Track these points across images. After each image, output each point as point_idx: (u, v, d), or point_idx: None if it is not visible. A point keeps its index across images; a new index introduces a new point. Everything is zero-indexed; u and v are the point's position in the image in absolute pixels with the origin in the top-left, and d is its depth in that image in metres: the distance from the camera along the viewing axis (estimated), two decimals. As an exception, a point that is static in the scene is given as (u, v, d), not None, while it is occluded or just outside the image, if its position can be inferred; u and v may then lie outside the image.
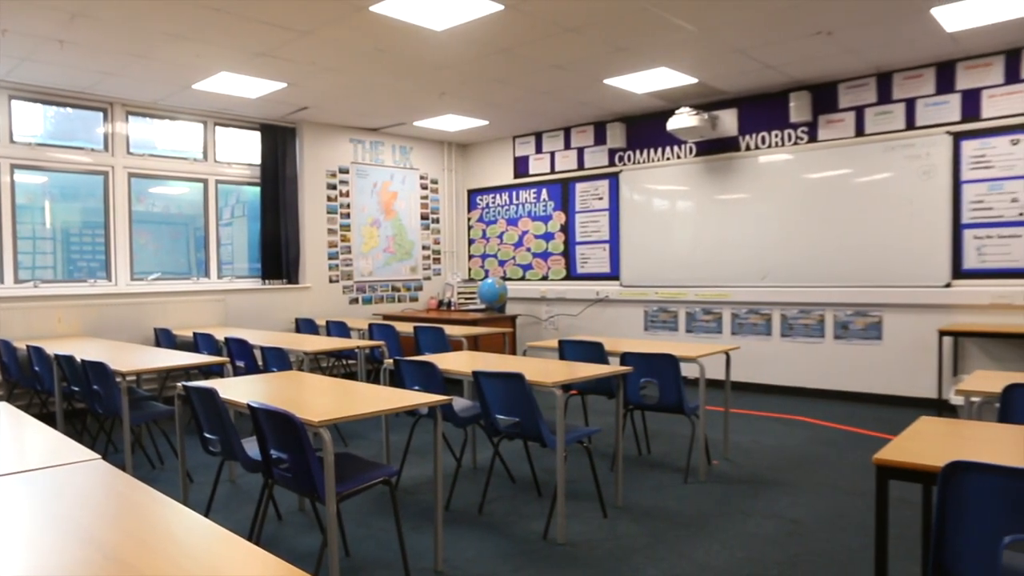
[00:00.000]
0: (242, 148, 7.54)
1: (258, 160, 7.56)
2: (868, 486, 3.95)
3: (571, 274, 8.34)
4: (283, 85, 6.18)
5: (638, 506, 3.75)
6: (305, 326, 7.17)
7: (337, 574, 2.47)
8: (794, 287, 6.62)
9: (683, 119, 6.80)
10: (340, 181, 8.10)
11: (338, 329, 6.58)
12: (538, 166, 8.65)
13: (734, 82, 6.39)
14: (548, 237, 8.55)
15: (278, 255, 7.62)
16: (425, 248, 9.07)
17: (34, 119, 6.22)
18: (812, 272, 6.52)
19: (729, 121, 7.02)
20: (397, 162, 8.70)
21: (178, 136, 7.09)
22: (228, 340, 5.40)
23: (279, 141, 7.62)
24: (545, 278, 8.58)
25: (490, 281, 8.04)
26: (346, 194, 8.16)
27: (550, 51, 5.37)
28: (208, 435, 3.04)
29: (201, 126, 7.22)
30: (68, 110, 6.41)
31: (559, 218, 8.43)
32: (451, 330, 5.91)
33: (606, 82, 6.29)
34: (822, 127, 6.46)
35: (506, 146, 8.96)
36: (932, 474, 1.73)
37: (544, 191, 8.58)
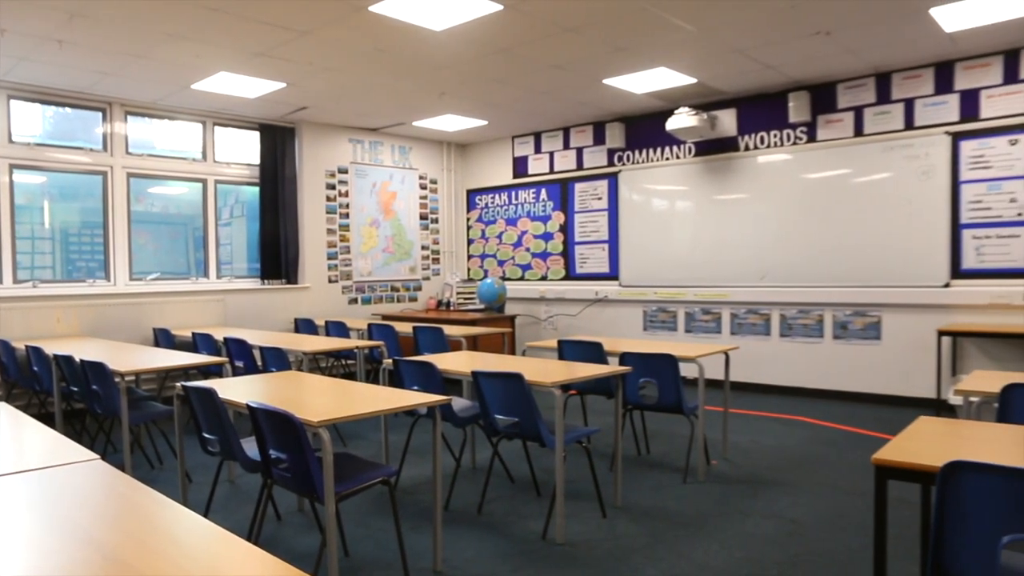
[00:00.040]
0: (241, 148, 7.54)
1: (257, 160, 7.55)
2: (867, 486, 3.96)
3: (570, 274, 8.34)
4: (282, 85, 6.18)
5: (637, 506, 3.75)
6: (304, 326, 7.17)
7: (336, 574, 2.47)
8: (793, 287, 6.63)
9: (682, 119, 6.81)
10: (339, 181, 8.10)
11: (337, 329, 6.58)
12: (537, 166, 8.65)
13: (733, 82, 6.39)
14: (547, 237, 8.55)
15: (277, 255, 7.62)
16: (424, 248, 9.07)
17: (33, 119, 6.22)
18: (811, 272, 6.52)
19: (728, 121, 7.03)
20: (396, 162, 8.70)
21: (177, 136, 7.08)
22: (227, 340, 5.41)
23: (278, 141, 7.62)
24: (544, 278, 8.58)
25: (489, 281, 8.04)
26: (345, 194, 8.15)
27: (549, 51, 5.38)
28: (207, 435, 3.04)
29: (200, 126, 7.21)
30: (67, 110, 6.41)
31: (558, 218, 8.44)
32: (450, 330, 5.91)
33: (605, 82, 6.29)
34: (821, 127, 6.46)
35: (505, 146, 8.96)
36: (931, 474, 1.74)
37: (543, 191, 8.58)
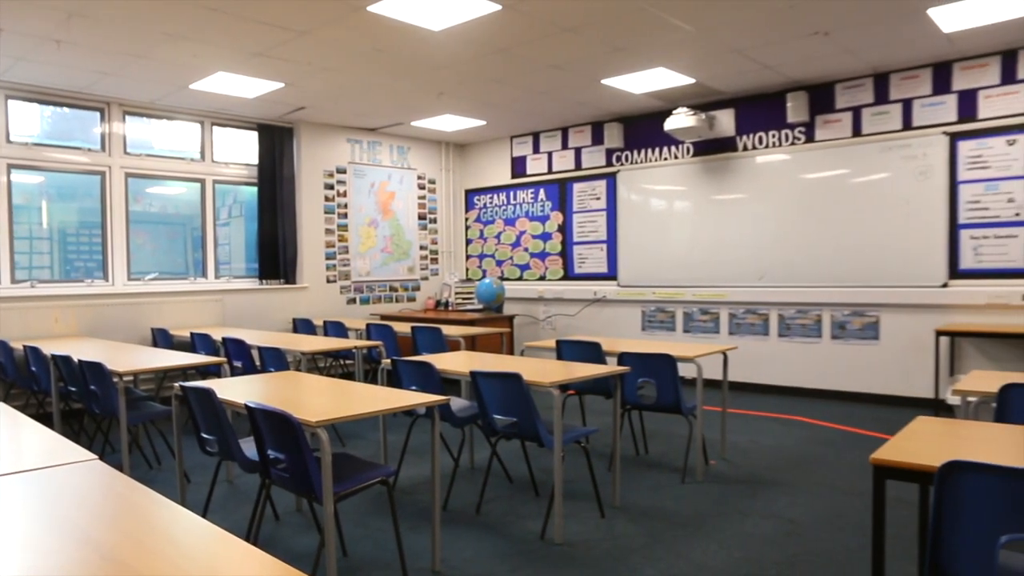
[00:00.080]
0: (239, 148, 7.53)
1: (255, 160, 7.55)
2: (865, 486, 3.96)
3: (569, 274, 8.35)
4: (280, 85, 6.17)
5: (635, 506, 3.75)
6: (302, 326, 7.17)
7: (334, 574, 2.47)
8: (791, 287, 6.63)
9: (680, 119, 6.81)
10: (337, 181, 8.09)
11: (335, 329, 6.58)
12: (535, 166, 8.65)
13: (731, 82, 6.40)
14: (546, 237, 8.55)
15: (275, 255, 7.62)
16: (423, 248, 9.07)
17: (31, 119, 6.21)
18: (809, 272, 6.53)
19: (726, 121, 7.03)
20: (395, 162, 8.70)
21: (175, 136, 7.08)
22: (225, 340, 5.40)
23: (276, 141, 7.61)
24: (543, 278, 8.59)
25: (488, 281, 8.03)
26: (343, 194, 8.15)
27: (548, 51, 5.38)
28: (205, 435, 3.04)
29: (198, 126, 7.21)
30: (65, 110, 6.40)
31: (557, 218, 8.44)
32: (449, 330, 5.91)
33: (604, 82, 6.29)
34: (819, 127, 6.47)
35: (504, 146, 8.96)
36: (929, 474, 1.74)
37: (542, 191, 8.58)
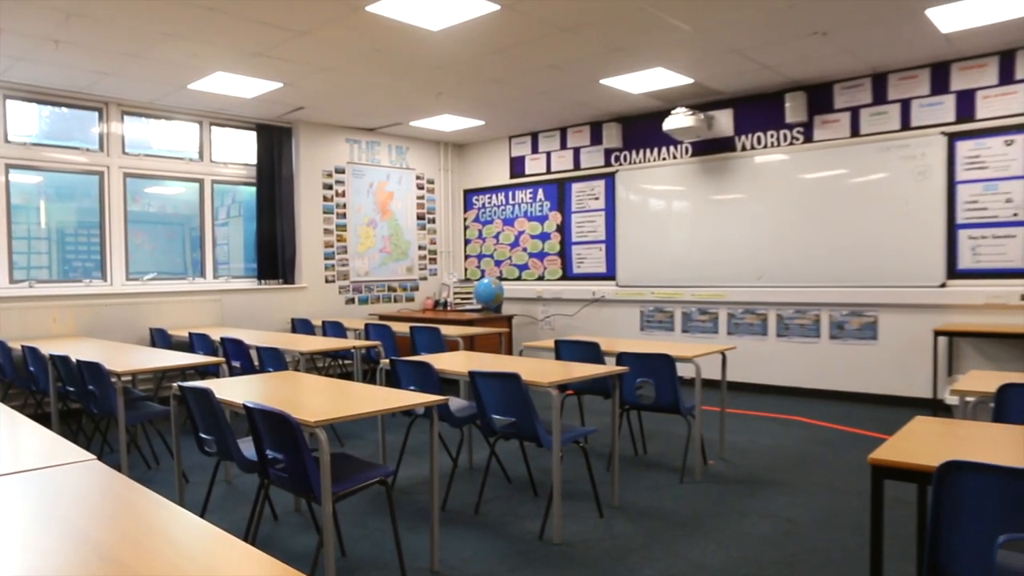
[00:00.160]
0: (238, 148, 7.53)
1: (254, 160, 7.54)
2: (864, 486, 3.97)
3: (567, 274, 8.35)
4: (279, 85, 6.17)
5: (634, 506, 3.75)
6: (301, 326, 7.16)
7: (333, 574, 2.47)
8: (790, 287, 6.64)
9: (679, 119, 6.81)
10: (336, 181, 8.09)
11: (334, 329, 6.58)
12: (534, 166, 8.65)
13: (730, 82, 6.40)
14: (544, 237, 8.56)
15: (274, 255, 7.61)
16: (421, 248, 9.07)
17: (29, 119, 6.20)
18: (808, 272, 6.54)
19: (725, 121, 7.04)
20: (393, 162, 8.70)
21: (174, 136, 7.07)
22: (224, 340, 5.40)
23: (275, 141, 7.61)
24: (541, 278, 8.59)
25: (486, 281, 8.03)
26: (342, 194, 8.15)
27: (546, 51, 5.38)
28: (204, 435, 3.04)
29: (197, 126, 7.20)
30: (63, 110, 6.39)
31: (555, 218, 8.44)
32: (447, 330, 5.91)
33: (602, 82, 6.30)
34: (817, 127, 6.48)
35: (502, 146, 8.96)
36: (927, 474, 1.74)
37: (540, 191, 8.58)
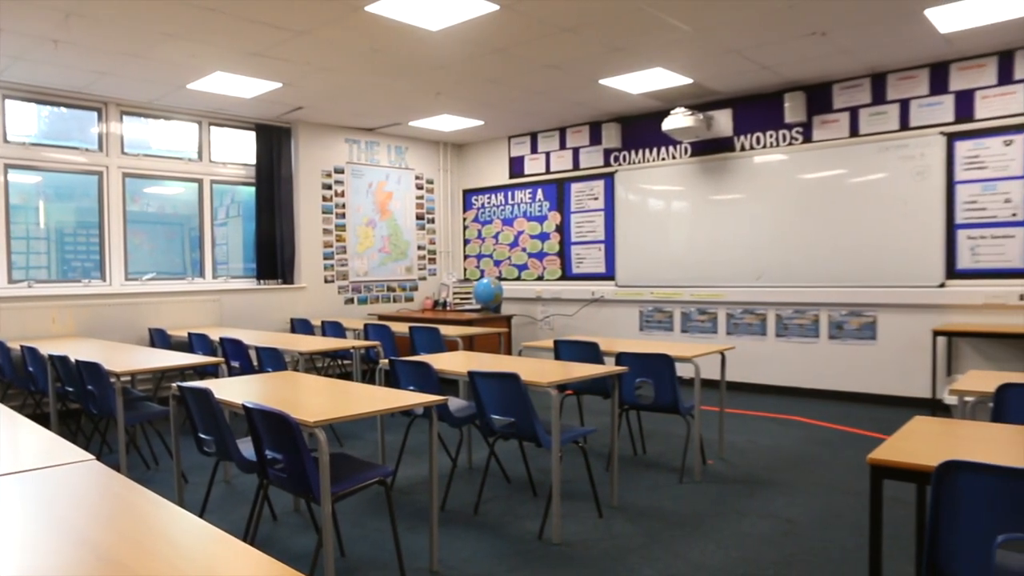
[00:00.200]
0: (237, 148, 7.52)
1: (253, 160, 7.54)
2: (863, 486, 3.97)
3: (566, 274, 8.35)
4: (278, 85, 6.17)
5: (633, 506, 3.75)
6: (300, 326, 7.16)
7: (332, 574, 2.47)
8: (789, 287, 6.64)
9: (678, 119, 6.81)
10: (335, 181, 8.09)
11: (333, 329, 6.58)
12: (533, 166, 8.65)
13: (729, 82, 6.40)
14: (543, 237, 8.56)
15: (273, 255, 7.61)
16: (420, 248, 9.07)
17: (28, 119, 6.20)
18: (807, 272, 6.54)
19: (724, 121, 7.04)
20: (392, 162, 8.69)
21: (173, 136, 7.07)
22: (223, 340, 5.39)
23: (274, 141, 7.61)
24: (541, 278, 8.59)
25: (485, 281, 8.03)
26: (341, 194, 8.15)
27: (545, 51, 5.38)
28: (203, 436, 3.04)
29: (196, 126, 7.20)
30: (62, 110, 6.39)
31: (554, 218, 8.44)
32: (446, 330, 5.91)
33: (601, 82, 6.30)
34: (816, 127, 6.48)
35: (501, 146, 8.96)
36: (926, 474, 1.74)
37: (539, 191, 8.58)
